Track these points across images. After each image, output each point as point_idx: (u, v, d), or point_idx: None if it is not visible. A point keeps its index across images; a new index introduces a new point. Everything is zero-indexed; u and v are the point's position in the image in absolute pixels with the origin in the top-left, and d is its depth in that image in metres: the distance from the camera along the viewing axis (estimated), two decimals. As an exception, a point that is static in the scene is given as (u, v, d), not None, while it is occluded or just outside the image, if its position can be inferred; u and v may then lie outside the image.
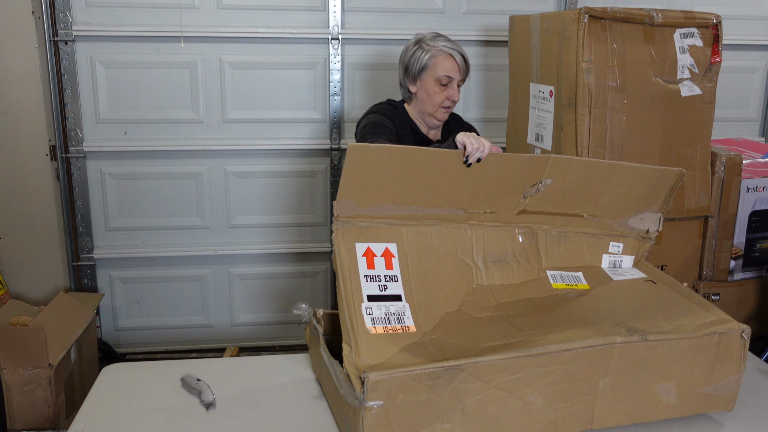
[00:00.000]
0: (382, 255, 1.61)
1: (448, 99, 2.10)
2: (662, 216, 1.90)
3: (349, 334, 1.44)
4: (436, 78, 2.07)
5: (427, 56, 2.07)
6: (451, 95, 2.10)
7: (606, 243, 1.87)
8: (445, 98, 2.10)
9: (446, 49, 2.06)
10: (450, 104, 2.13)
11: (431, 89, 2.09)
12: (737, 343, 1.55)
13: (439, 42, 2.09)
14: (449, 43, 2.10)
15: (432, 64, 2.07)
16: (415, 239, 1.66)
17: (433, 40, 2.10)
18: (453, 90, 2.10)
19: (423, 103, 2.13)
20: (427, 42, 2.09)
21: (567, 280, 1.76)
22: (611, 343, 1.47)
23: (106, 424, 1.57)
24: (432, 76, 2.07)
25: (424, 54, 2.08)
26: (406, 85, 2.16)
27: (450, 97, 2.10)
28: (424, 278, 1.62)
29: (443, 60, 2.06)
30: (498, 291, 1.69)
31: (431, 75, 2.07)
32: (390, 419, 1.35)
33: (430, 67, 2.07)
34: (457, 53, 2.09)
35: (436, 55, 2.06)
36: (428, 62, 2.07)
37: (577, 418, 1.49)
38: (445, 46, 2.07)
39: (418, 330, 1.50)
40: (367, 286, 1.55)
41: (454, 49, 2.08)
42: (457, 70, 2.09)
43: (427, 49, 2.07)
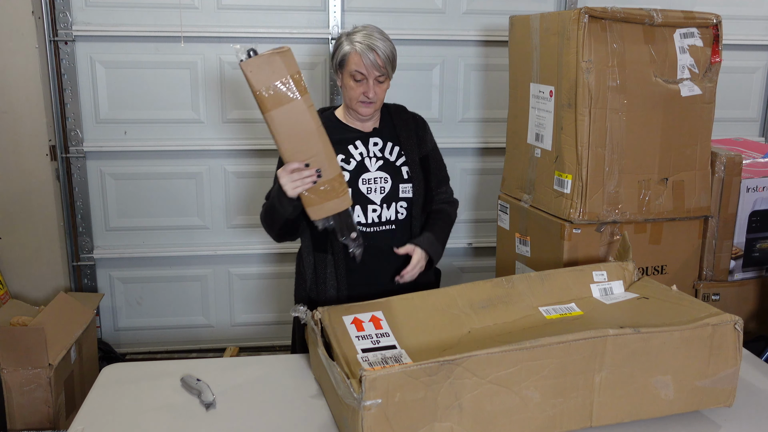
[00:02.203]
0: (370, 320, 1.68)
1: (363, 95, 2.01)
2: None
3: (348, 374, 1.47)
4: (350, 74, 2.01)
5: (343, 51, 2.01)
6: (365, 91, 2.01)
7: (589, 273, 1.89)
8: (360, 93, 2.01)
9: (358, 45, 1.98)
10: (366, 100, 2.03)
11: (347, 84, 2.03)
12: (731, 335, 1.56)
13: (357, 36, 2.00)
14: (366, 38, 1.99)
15: (346, 60, 2.00)
16: (399, 305, 1.73)
17: (353, 34, 2.01)
18: (367, 87, 2.00)
19: (344, 97, 2.08)
20: (349, 35, 2.02)
21: (561, 311, 1.78)
22: (604, 335, 1.48)
23: (106, 424, 1.57)
24: (348, 72, 2.01)
25: (342, 47, 2.02)
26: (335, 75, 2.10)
27: (365, 93, 2.01)
28: (416, 331, 1.66)
29: (354, 56, 1.98)
30: (494, 329, 1.70)
31: (346, 70, 2.01)
32: (389, 418, 1.35)
33: (345, 63, 2.01)
34: (369, 51, 1.97)
35: (350, 52, 1.99)
36: (343, 57, 2.01)
37: (575, 414, 1.49)
38: (359, 42, 1.98)
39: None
40: (360, 343, 1.60)
41: (367, 46, 1.97)
42: (369, 68, 1.98)
43: (346, 43, 2.01)
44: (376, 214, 2.08)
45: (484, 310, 1.74)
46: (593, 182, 2.24)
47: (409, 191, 2.12)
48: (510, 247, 2.63)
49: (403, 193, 2.11)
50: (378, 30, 2.03)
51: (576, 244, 2.25)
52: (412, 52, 3.22)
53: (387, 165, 2.10)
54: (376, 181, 2.07)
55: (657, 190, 2.32)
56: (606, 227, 2.29)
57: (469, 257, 3.57)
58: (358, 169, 2.07)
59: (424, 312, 1.71)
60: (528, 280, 1.84)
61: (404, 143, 2.13)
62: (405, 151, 2.12)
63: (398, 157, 2.12)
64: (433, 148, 2.23)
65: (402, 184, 2.10)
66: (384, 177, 2.08)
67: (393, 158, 2.11)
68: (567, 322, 1.70)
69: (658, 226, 2.36)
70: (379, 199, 2.08)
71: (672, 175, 2.33)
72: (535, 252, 2.45)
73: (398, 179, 2.10)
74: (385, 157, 2.10)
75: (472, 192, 3.48)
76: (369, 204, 2.07)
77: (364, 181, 2.06)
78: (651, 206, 2.31)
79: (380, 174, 2.08)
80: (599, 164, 2.24)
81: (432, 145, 2.22)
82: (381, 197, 2.08)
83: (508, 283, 1.82)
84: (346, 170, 2.05)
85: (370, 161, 2.09)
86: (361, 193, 2.06)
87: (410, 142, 2.14)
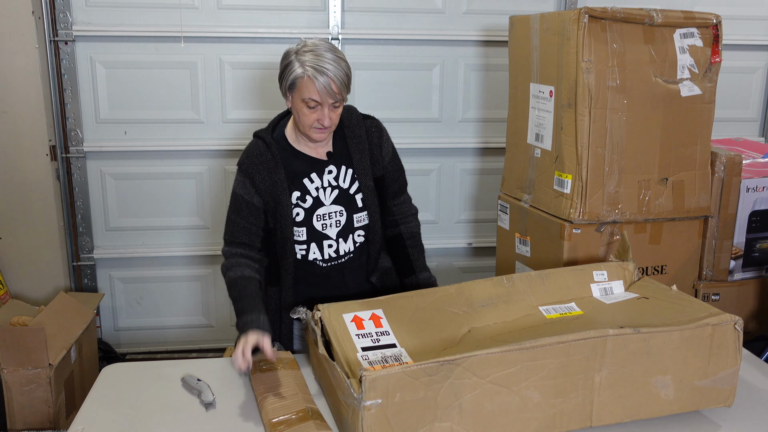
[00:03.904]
0: (370, 318, 1.67)
1: (317, 122, 1.83)
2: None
3: (348, 374, 1.46)
4: (302, 100, 1.81)
5: (294, 73, 1.80)
6: (320, 119, 1.82)
7: (589, 273, 1.89)
8: (314, 120, 1.83)
9: (312, 70, 1.77)
10: (321, 127, 1.85)
11: (300, 109, 1.83)
12: (731, 335, 1.56)
13: (310, 58, 1.78)
14: (319, 60, 1.78)
15: (298, 84, 1.80)
16: (399, 303, 1.73)
17: (305, 54, 1.79)
18: (322, 114, 1.81)
19: (295, 121, 1.90)
20: (300, 54, 1.80)
21: (560, 310, 1.78)
22: (604, 335, 1.48)
23: (106, 424, 1.57)
24: (299, 97, 1.82)
25: (294, 68, 1.80)
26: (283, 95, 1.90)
27: (319, 120, 1.83)
28: (416, 330, 1.66)
29: (307, 82, 1.78)
30: (494, 329, 1.70)
31: (298, 95, 1.82)
32: (389, 418, 1.35)
33: (297, 88, 1.81)
34: (323, 77, 1.77)
35: (302, 76, 1.78)
36: (295, 81, 1.80)
37: (575, 414, 1.49)
38: (313, 66, 1.77)
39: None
40: (359, 341, 1.60)
41: (321, 70, 1.77)
42: (324, 95, 1.79)
43: (299, 64, 1.79)
44: (332, 249, 1.97)
45: (484, 309, 1.74)
46: (593, 182, 2.24)
47: (365, 219, 2.00)
48: (510, 247, 2.63)
49: (358, 222, 1.99)
50: (328, 47, 1.82)
51: (576, 244, 2.25)
52: (412, 52, 3.22)
53: (341, 195, 1.96)
54: (330, 216, 1.95)
55: (657, 190, 2.32)
56: (606, 227, 2.29)
57: (469, 257, 3.57)
58: (314, 205, 1.94)
59: (424, 310, 1.71)
60: (528, 279, 1.83)
61: (357, 166, 1.97)
62: (358, 176, 1.97)
63: (352, 183, 1.98)
64: (391, 159, 2.05)
65: (356, 214, 1.98)
66: (339, 210, 1.95)
67: (347, 185, 1.97)
68: (567, 322, 1.70)
69: (658, 226, 2.36)
70: (335, 233, 1.97)
71: (672, 175, 2.33)
72: (535, 252, 2.45)
73: (353, 209, 1.98)
74: (339, 186, 1.96)
75: (472, 192, 3.48)
76: (325, 239, 1.96)
77: (319, 217, 1.94)
78: (651, 206, 2.31)
79: (335, 208, 1.95)
80: (599, 164, 2.24)
81: (389, 157, 2.04)
82: (337, 231, 1.97)
83: (509, 282, 1.82)
84: (301, 207, 1.93)
85: (325, 193, 1.95)
86: (315, 230, 1.95)
87: (363, 165, 1.97)
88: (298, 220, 1.94)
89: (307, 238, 1.95)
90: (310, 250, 1.97)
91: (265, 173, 1.91)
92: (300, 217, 1.93)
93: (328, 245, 1.97)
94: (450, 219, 3.47)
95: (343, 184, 1.97)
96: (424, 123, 3.30)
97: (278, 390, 1.62)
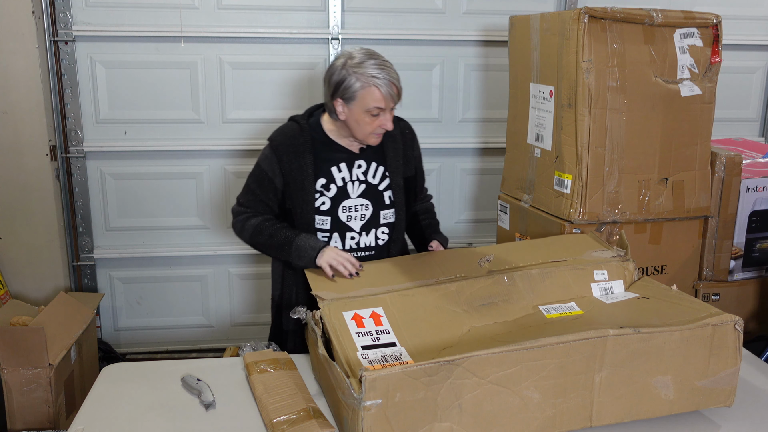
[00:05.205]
0: (370, 317, 1.67)
1: (379, 127, 1.92)
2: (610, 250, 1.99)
3: (348, 373, 1.46)
4: (366, 109, 1.88)
5: (356, 86, 1.87)
6: (383, 124, 1.91)
7: (590, 273, 1.89)
8: (377, 127, 1.92)
9: (376, 79, 1.86)
10: (382, 131, 1.95)
11: (361, 119, 1.90)
12: (731, 335, 1.56)
13: (369, 68, 1.87)
14: (379, 69, 1.87)
15: (362, 96, 1.87)
16: (399, 301, 1.72)
17: (362, 66, 1.87)
18: (385, 119, 1.91)
19: (352, 129, 1.95)
20: (356, 67, 1.87)
21: (560, 310, 1.77)
22: (604, 335, 1.48)
23: (106, 424, 1.57)
24: (362, 108, 1.88)
25: (352, 82, 1.87)
26: (333, 105, 1.95)
27: (382, 125, 1.91)
28: (417, 329, 1.65)
29: (374, 91, 1.86)
30: (494, 328, 1.69)
31: (361, 106, 1.88)
32: (389, 418, 1.35)
33: (359, 99, 1.87)
34: (388, 83, 1.87)
35: (366, 86, 1.86)
36: (358, 93, 1.87)
37: (575, 414, 1.49)
38: (375, 76, 1.86)
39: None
40: (360, 339, 1.59)
41: (385, 78, 1.87)
42: (389, 100, 1.89)
43: (356, 77, 1.86)
44: (354, 241, 2.02)
45: (485, 308, 1.74)
46: (593, 182, 2.24)
47: (391, 216, 2.06)
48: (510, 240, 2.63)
49: (384, 219, 2.05)
50: (376, 54, 1.92)
51: (576, 244, 2.25)
52: (412, 52, 3.22)
53: (369, 190, 2.02)
54: (356, 209, 2.00)
55: (657, 190, 2.32)
56: (606, 227, 2.29)
57: (469, 257, 3.56)
58: (339, 196, 1.99)
59: (424, 309, 1.71)
60: (528, 278, 1.83)
61: (390, 165, 2.04)
62: (390, 174, 2.04)
63: (382, 180, 2.04)
64: (419, 160, 2.16)
65: (383, 211, 2.04)
66: (365, 204, 2.01)
67: (376, 182, 2.03)
68: (567, 322, 1.70)
69: (658, 226, 2.36)
70: (358, 226, 2.02)
71: (672, 175, 2.33)
72: (535, 252, 2.45)
73: (380, 205, 2.03)
74: (368, 181, 2.02)
75: (472, 192, 3.48)
76: (348, 231, 2.01)
77: (345, 209, 1.99)
78: (651, 206, 2.31)
79: (361, 201, 2.01)
80: (599, 164, 2.24)
81: (419, 159, 2.16)
82: (361, 224, 2.02)
83: (509, 280, 1.82)
84: (326, 196, 1.98)
85: (352, 186, 2.01)
86: (340, 221, 2.00)
87: (396, 164, 2.05)
88: (323, 209, 1.99)
89: (331, 227, 2.00)
90: (332, 239, 2.01)
91: (293, 155, 1.97)
92: (325, 206, 1.98)
93: (350, 237, 2.02)
94: (450, 219, 3.47)
95: (372, 179, 2.03)
96: (424, 123, 3.30)
97: (278, 390, 1.62)
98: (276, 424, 1.49)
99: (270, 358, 1.77)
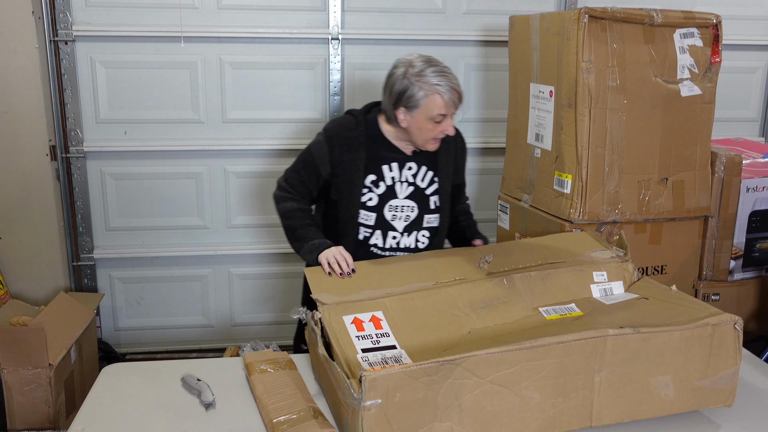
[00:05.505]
0: (370, 320, 1.67)
1: (441, 133, 1.96)
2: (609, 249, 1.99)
3: (348, 374, 1.46)
4: (430, 117, 1.91)
5: (419, 94, 1.89)
6: (444, 129, 1.94)
7: (589, 274, 1.89)
8: (438, 132, 1.95)
9: (439, 87, 1.88)
10: (443, 136, 1.98)
11: (423, 126, 1.93)
12: (731, 335, 1.56)
13: (431, 77, 1.88)
14: (441, 77, 1.89)
15: (425, 103, 1.89)
16: (399, 305, 1.72)
17: (423, 75, 1.89)
18: (447, 124, 1.94)
19: (412, 134, 1.97)
20: (417, 76, 1.89)
21: (560, 311, 1.78)
22: (604, 335, 1.48)
23: (106, 424, 1.57)
24: (425, 116, 1.90)
25: (415, 91, 1.89)
26: (393, 112, 1.97)
27: (443, 130, 1.95)
28: (416, 331, 1.66)
29: (437, 99, 1.89)
30: (494, 330, 1.70)
31: (424, 114, 1.90)
32: (389, 418, 1.35)
33: (422, 107, 1.89)
34: (450, 89, 1.90)
35: (430, 95, 1.88)
36: (421, 101, 1.89)
37: (575, 414, 1.49)
38: (438, 84, 1.88)
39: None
40: (360, 343, 1.60)
41: (447, 85, 1.89)
42: (451, 107, 1.92)
43: (419, 85, 1.88)
44: (395, 241, 2.06)
45: (484, 311, 1.74)
46: (593, 182, 2.24)
47: (435, 221, 2.10)
48: (510, 247, 2.63)
49: (427, 222, 2.08)
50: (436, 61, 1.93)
51: (576, 244, 2.25)
52: (411, 52, 3.22)
53: (416, 193, 2.05)
54: (402, 210, 2.04)
55: (657, 190, 2.32)
56: (606, 227, 2.29)
57: (469, 257, 3.57)
58: (387, 195, 2.02)
59: (424, 312, 1.71)
60: (528, 280, 1.83)
61: (441, 171, 2.07)
62: (439, 180, 2.07)
63: (430, 184, 2.07)
64: (464, 169, 2.20)
65: (428, 215, 2.07)
66: (411, 206, 2.05)
67: (424, 185, 2.06)
68: (567, 323, 1.70)
69: (658, 226, 2.36)
70: (402, 227, 2.05)
71: (672, 175, 2.33)
72: (535, 252, 2.45)
73: (425, 209, 2.07)
74: (416, 184, 2.05)
75: (472, 192, 3.48)
76: (390, 230, 2.05)
77: (391, 208, 2.03)
78: (651, 206, 2.32)
79: (408, 203, 2.04)
80: (599, 164, 2.24)
81: (465, 168, 2.20)
82: (404, 225, 2.06)
83: (509, 282, 1.82)
84: (374, 192, 2.02)
85: (401, 186, 2.04)
86: (384, 220, 2.03)
87: (446, 171, 2.08)
88: (369, 205, 2.02)
89: (375, 224, 2.03)
90: (374, 235, 2.05)
91: (346, 147, 1.99)
92: (372, 203, 2.02)
93: (392, 237, 2.05)
94: (450, 219, 3.47)
95: (420, 183, 2.06)
96: (424, 123, 3.30)
97: (278, 390, 1.62)
98: (276, 424, 1.49)
99: (270, 358, 1.77)
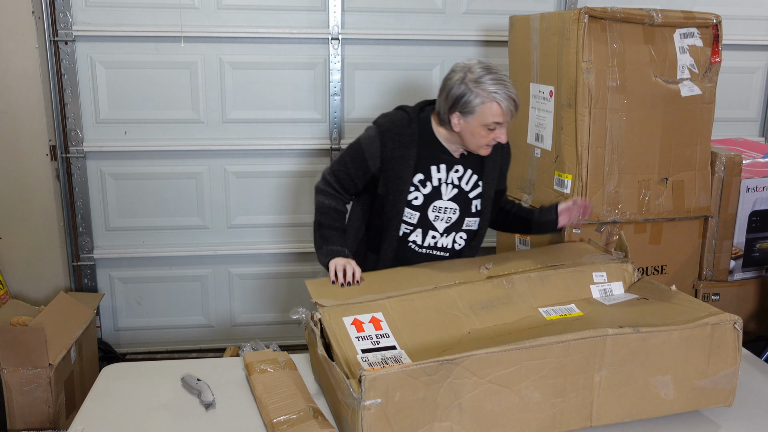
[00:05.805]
0: (370, 321, 1.67)
1: (494, 140, 1.95)
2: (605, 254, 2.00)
3: (348, 374, 1.46)
4: (484, 123, 1.90)
5: (476, 101, 1.88)
6: (497, 137, 1.94)
7: (588, 275, 1.89)
8: (491, 139, 1.94)
9: (496, 95, 1.87)
10: (494, 143, 1.98)
11: (477, 132, 1.92)
12: (731, 334, 1.56)
13: (489, 84, 1.87)
14: (499, 86, 1.88)
15: (481, 110, 1.88)
16: (399, 306, 1.72)
17: (482, 83, 1.87)
18: (501, 132, 1.93)
19: (464, 138, 1.97)
20: (475, 82, 1.88)
21: (560, 312, 1.78)
22: (603, 335, 1.48)
23: (106, 424, 1.57)
24: (479, 122, 1.90)
25: (472, 97, 1.88)
26: (447, 116, 1.96)
27: (496, 138, 1.94)
28: (416, 332, 1.66)
29: (493, 107, 1.88)
30: (494, 330, 1.70)
31: (479, 121, 1.90)
32: (389, 418, 1.35)
33: (478, 113, 1.89)
34: (508, 98, 1.88)
35: (486, 102, 1.87)
36: (477, 108, 1.88)
37: (575, 413, 1.49)
38: (496, 92, 1.87)
39: None
40: (359, 343, 1.60)
41: (505, 94, 1.88)
42: (507, 115, 1.91)
43: (476, 92, 1.87)
44: (434, 240, 2.07)
45: (484, 311, 1.74)
46: (593, 182, 2.24)
47: (475, 224, 2.10)
48: (510, 247, 2.63)
49: (467, 225, 2.09)
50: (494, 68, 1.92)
51: (576, 244, 2.25)
52: (412, 52, 3.22)
53: (460, 195, 2.06)
54: (445, 211, 2.05)
55: (657, 190, 2.32)
56: (606, 227, 2.29)
57: (469, 257, 3.57)
58: (432, 195, 2.03)
59: (424, 313, 1.71)
60: (528, 281, 1.84)
61: (486, 176, 2.07)
62: (483, 184, 2.08)
63: (473, 188, 2.07)
64: (506, 177, 2.20)
65: (469, 218, 2.08)
66: (454, 208, 2.05)
67: (468, 188, 2.07)
68: (567, 323, 1.70)
69: (658, 226, 2.36)
70: (442, 227, 2.06)
71: (672, 175, 2.34)
72: (535, 252, 2.45)
73: (467, 212, 2.07)
74: (460, 187, 2.05)
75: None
76: (431, 230, 2.06)
77: (435, 209, 2.04)
78: (651, 206, 2.32)
79: (451, 205, 2.05)
80: (599, 164, 2.24)
81: (506, 175, 2.19)
82: (445, 226, 2.07)
83: (509, 283, 1.82)
84: (420, 192, 2.02)
85: (446, 188, 2.04)
86: (427, 219, 2.04)
87: (492, 176, 2.08)
88: (415, 204, 2.03)
89: (417, 222, 2.04)
90: (414, 232, 2.06)
91: (397, 144, 2.00)
92: (418, 201, 2.03)
93: (432, 236, 2.07)
94: (450, 219, 3.48)
95: (465, 186, 2.06)
96: (424, 123, 3.30)
97: (278, 390, 1.62)
98: (276, 424, 1.49)
99: (270, 358, 1.77)
